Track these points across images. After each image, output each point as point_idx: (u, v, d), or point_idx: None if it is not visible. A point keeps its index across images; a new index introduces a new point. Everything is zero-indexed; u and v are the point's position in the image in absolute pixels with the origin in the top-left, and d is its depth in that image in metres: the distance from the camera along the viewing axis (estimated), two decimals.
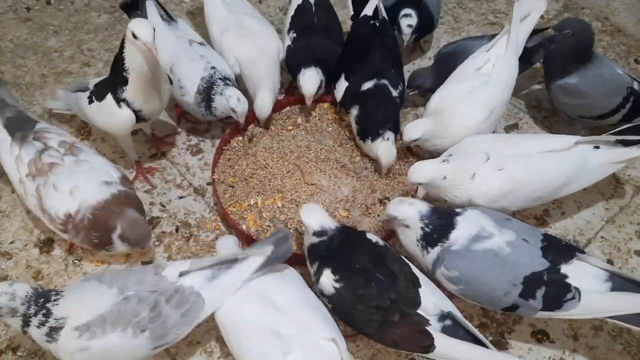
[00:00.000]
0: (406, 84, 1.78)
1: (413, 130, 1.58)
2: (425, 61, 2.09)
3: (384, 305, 1.20)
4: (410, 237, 1.33)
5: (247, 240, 1.50)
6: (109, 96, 1.48)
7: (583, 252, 1.33)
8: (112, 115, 1.50)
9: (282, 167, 1.58)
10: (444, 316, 1.23)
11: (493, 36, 1.77)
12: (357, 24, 1.78)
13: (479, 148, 1.45)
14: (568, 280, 1.26)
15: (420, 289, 1.24)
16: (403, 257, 1.31)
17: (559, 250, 1.30)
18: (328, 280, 1.24)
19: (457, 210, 1.35)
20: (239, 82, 1.75)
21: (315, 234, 1.29)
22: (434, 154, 1.58)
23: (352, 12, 1.86)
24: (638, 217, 1.67)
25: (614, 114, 1.67)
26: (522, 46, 1.66)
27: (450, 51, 1.78)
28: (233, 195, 1.58)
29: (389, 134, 1.59)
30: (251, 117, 1.72)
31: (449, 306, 1.25)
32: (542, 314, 1.28)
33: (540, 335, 1.43)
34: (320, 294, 1.28)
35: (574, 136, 1.49)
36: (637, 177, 1.76)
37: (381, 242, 1.32)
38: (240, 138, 1.73)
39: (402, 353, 1.38)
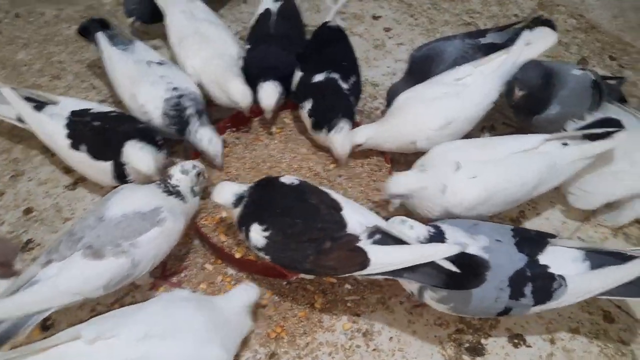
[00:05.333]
0: (386, 100, 1.77)
1: (356, 135, 1.57)
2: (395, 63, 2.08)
3: (314, 236, 1.23)
4: None
5: (219, 254, 1.49)
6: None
7: (553, 235, 1.32)
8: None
9: (254, 179, 1.56)
10: (372, 232, 1.24)
11: (466, 35, 1.76)
12: (314, 34, 1.83)
13: (449, 157, 1.43)
14: (550, 270, 1.25)
15: (342, 212, 1.27)
16: (319, 187, 1.35)
17: (532, 241, 1.30)
18: (257, 234, 1.27)
19: (439, 225, 1.32)
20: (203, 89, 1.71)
21: (234, 204, 1.32)
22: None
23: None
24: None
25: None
26: (514, 72, 1.60)
27: (423, 55, 1.76)
28: (204, 208, 1.56)
29: (344, 123, 1.58)
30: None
31: (373, 220, 1.27)
32: (535, 309, 1.27)
33: (516, 340, 1.41)
34: (256, 250, 1.31)
35: (541, 135, 1.48)
36: None
37: (296, 181, 1.34)
38: None
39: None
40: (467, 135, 1.65)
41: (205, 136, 1.58)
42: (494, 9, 2.29)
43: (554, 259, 1.27)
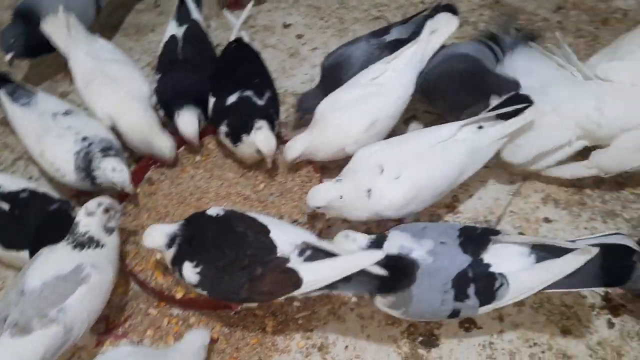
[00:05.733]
0: (296, 108, 1.78)
1: (293, 147, 1.57)
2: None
3: (245, 264, 1.23)
4: None
5: (160, 297, 1.46)
6: None
7: (497, 232, 1.32)
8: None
9: (184, 213, 1.54)
10: (303, 250, 1.25)
11: (371, 35, 1.78)
12: (222, 53, 1.81)
13: (371, 161, 1.44)
14: (492, 269, 1.26)
15: (271, 234, 1.27)
16: (246, 213, 1.34)
17: (476, 241, 1.30)
18: (189, 271, 1.26)
19: (385, 235, 1.33)
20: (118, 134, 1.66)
21: (168, 245, 1.30)
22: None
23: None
24: (541, 185, 1.71)
25: None
26: (426, 61, 1.64)
27: (333, 63, 1.77)
28: (137, 254, 1.52)
29: (261, 123, 1.57)
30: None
31: (302, 237, 1.27)
32: (483, 310, 1.28)
33: (467, 325, 1.44)
34: (192, 288, 1.29)
35: (457, 122, 1.51)
36: None
37: (221, 212, 1.33)
38: (138, 189, 1.67)
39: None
40: (393, 130, 1.68)
41: (108, 166, 1.50)
42: (401, 0, 2.32)
43: (498, 256, 1.27)
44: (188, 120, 1.65)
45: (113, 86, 1.66)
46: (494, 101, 1.61)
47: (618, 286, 1.24)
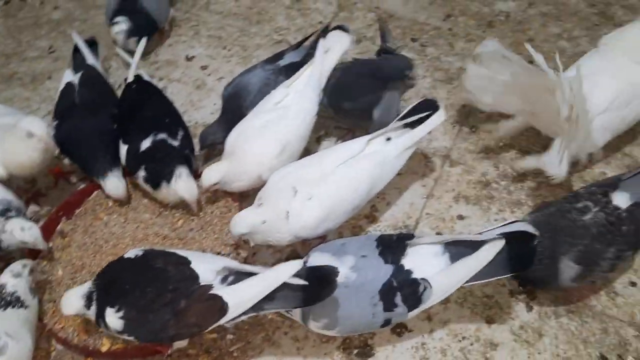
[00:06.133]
0: (199, 144, 1.77)
1: (210, 175, 1.56)
2: None
3: (167, 299, 1.21)
4: None
5: (86, 353, 1.40)
6: None
7: (411, 236, 1.36)
8: None
9: (101, 263, 1.49)
10: (225, 275, 1.25)
11: (265, 62, 1.83)
12: (122, 93, 1.79)
13: (285, 184, 1.46)
14: (414, 275, 1.29)
15: (191, 265, 1.26)
16: (165, 249, 1.33)
17: (393, 248, 1.33)
18: (112, 317, 1.22)
19: (304, 260, 1.34)
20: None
21: (87, 306, 1.26)
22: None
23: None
24: (451, 184, 1.79)
25: None
26: (325, 80, 1.69)
27: (231, 92, 1.78)
28: (55, 312, 1.45)
29: (181, 170, 1.56)
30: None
31: (222, 263, 1.28)
32: (412, 314, 1.32)
33: (399, 329, 1.48)
34: (119, 335, 1.26)
35: (364, 136, 1.56)
36: (440, 147, 1.89)
37: (140, 252, 1.31)
38: (50, 244, 1.60)
39: None
40: (307, 149, 1.71)
41: (15, 227, 1.43)
42: (299, 22, 2.38)
43: (416, 260, 1.31)
44: (115, 184, 1.62)
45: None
46: (394, 84, 1.73)
47: (525, 270, 1.31)
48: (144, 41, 1.96)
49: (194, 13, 2.44)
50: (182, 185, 1.55)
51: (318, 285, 1.21)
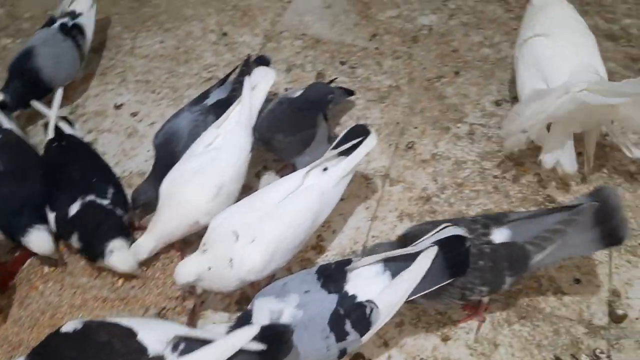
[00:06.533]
0: (131, 204, 1.71)
1: (143, 246, 1.51)
2: None
3: None
4: None
5: None
6: None
7: (349, 261, 1.35)
8: None
9: (39, 336, 1.41)
10: (176, 344, 1.20)
11: (191, 103, 1.81)
12: (45, 151, 1.72)
13: (226, 229, 1.43)
14: (358, 300, 1.28)
15: (138, 337, 1.20)
16: (105, 320, 1.26)
17: (334, 277, 1.32)
18: None
19: (250, 310, 1.31)
20: None
21: None
22: None
23: None
24: (393, 203, 1.80)
25: None
26: (255, 117, 1.68)
27: (162, 140, 1.75)
28: None
29: (114, 244, 1.51)
30: None
31: (172, 331, 1.23)
32: (365, 339, 1.30)
33: None
34: None
35: (301, 170, 1.55)
36: (379, 167, 1.90)
37: (79, 325, 1.24)
38: None
39: None
40: (249, 185, 1.68)
41: None
42: (228, 57, 2.36)
43: (358, 283, 1.30)
44: (39, 238, 1.55)
45: None
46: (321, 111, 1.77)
47: (464, 274, 1.31)
48: (60, 92, 1.88)
49: (119, 59, 2.40)
50: (116, 262, 1.49)
51: (274, 346, 1.18)
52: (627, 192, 1.75)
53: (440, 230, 1.33)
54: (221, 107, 1.69)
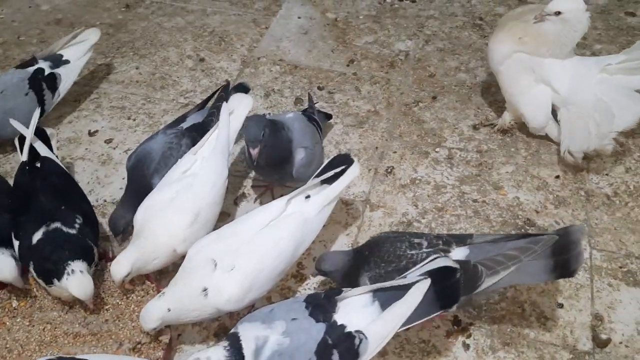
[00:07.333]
0: (112, 232, 1.67)
1: (117, 269, 1.46)
2: None
3: None
4: None
5: None
6: None
7: (339, 291, 1.33)
8: None
9: None
10: None
11: (167, 127, 1.79)
12: (16, 174, 1.66)
13: (203, 257, 1.39)
14: (347, 330, 1.25)
15: None
16: (76, 357, 1.20)
17: (323, 306, 1.29)
18: None
19: (237, 333, 1.25)
20: None
21: None
22: None
23: None
24: (374, 229, 1.78)
25: None
26: (232, 143, 1.66)
27: (134, 162, 1.71)
28: None
29: (74, 266, 1.42)
30: None
31: None
32: None
33: None
34: None
35: (282, 197, 1.52)
36: (359, 193, 1.89)
37: None
38: None
39: None
40: (228, 212, 1.64)
41: None
42: (205, 82, 2.34)
43: (348, 313, 1.27)
44: (2, 265, 1.47)
45: None
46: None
47: (453, 305, 1.30)
48: (37, 113, 1.80)
49: (93, 85, 2.35)
50: (73, 282, 1.41)
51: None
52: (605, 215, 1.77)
53: (431, 261, 1.32)
54: (196, 130, 1.67)
